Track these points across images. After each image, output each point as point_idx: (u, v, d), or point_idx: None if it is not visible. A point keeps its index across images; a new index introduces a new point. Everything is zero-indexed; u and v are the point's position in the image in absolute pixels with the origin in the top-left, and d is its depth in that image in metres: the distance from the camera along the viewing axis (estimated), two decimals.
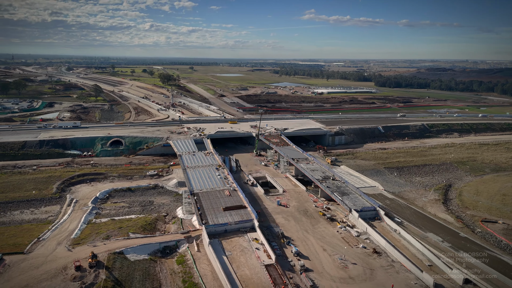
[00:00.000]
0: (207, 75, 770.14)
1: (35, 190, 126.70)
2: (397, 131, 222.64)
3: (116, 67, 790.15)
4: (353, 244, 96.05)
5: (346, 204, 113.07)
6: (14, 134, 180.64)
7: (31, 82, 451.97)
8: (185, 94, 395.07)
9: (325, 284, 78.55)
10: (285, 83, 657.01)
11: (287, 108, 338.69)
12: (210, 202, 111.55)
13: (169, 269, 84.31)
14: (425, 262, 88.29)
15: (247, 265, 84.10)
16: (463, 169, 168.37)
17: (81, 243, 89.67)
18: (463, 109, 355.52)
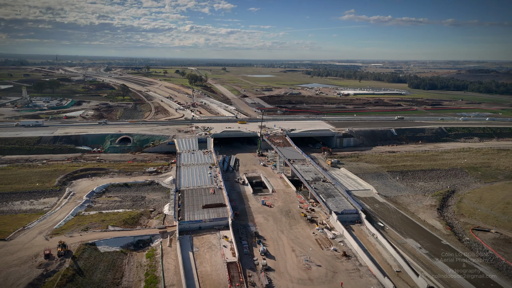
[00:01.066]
0: (238, 76, 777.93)
1: (39, 183, 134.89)
2: (411, 134, 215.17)
3: (151, 68, 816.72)
4: (324, 246, 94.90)
5: (327, 206, 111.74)
6: (33, 130, 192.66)
7: (68, 82, 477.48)
8: (209, 94, 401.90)
9: (282, 284, 78.46)
10: (314, 84, 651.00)
11: (307, 109, 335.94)
12: (193, 199, 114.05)
13: (137, 262, 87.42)
14: (394, 267, 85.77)
15: (210, 262, 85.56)
16: (474, 175, 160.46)
17: (60, 233, 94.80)
18: (497, 113, 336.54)
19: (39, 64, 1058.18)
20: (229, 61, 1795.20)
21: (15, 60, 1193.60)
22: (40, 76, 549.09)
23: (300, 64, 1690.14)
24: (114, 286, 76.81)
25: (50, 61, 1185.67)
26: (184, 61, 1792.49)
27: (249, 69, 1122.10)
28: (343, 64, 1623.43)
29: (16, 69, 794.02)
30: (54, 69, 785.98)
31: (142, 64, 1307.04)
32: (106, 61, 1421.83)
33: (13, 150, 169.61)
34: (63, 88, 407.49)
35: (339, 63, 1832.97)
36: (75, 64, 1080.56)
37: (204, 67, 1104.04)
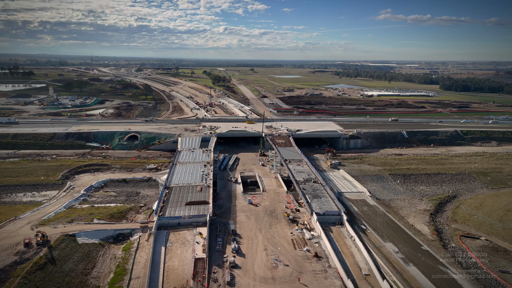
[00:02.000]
0: (264, 76, 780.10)
1: (44, 176, 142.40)
2: (423, 137, 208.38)
3: (180, 68, 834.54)
4: (298, 247, 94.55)
5: (310, 207, 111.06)
6: (49, 127, 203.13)
7: (97, 82, 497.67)
8: (230, 94, 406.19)
9: (244, 281, 79.20)
10: (341, 85, 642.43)
11: (325, 110, 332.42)
12: (179, 196, 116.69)
13: (112, 254, 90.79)
14: (364, 271, 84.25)
15: (179, 257, 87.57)
16: (482, 180, 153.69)
17: (46, 224, 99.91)
18: None
19: (77, 64, 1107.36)
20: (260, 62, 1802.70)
21: (56, 61, 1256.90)
22: (74, 76, 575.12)
23: (331, 65, 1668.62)
24: (83, 276, 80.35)
25: (88, 61, 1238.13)
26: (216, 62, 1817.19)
27: (277, 70, 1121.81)
28: (376, 65, 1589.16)
29: (54, 69, 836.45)
30: (89, 69, 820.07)
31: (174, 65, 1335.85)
32: (141, 62, 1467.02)
33: (28, 145, 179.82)
34: (91, 88, 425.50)
35: (372, 63, 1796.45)
36: (110, 65, 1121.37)
37: (233, 68, 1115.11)
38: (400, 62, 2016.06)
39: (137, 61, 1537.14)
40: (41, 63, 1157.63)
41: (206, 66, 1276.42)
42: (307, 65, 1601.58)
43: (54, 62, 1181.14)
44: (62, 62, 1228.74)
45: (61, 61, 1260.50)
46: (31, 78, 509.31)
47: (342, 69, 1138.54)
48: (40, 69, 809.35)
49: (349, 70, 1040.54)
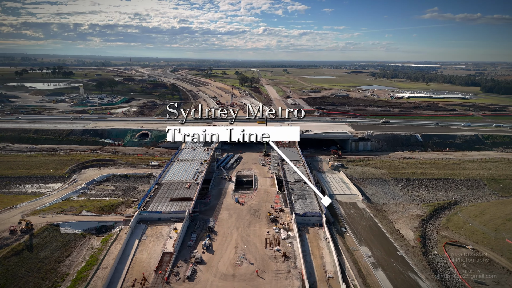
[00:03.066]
0: (296, 77, 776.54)
1: (53, 169, 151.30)
2: (439, 140, 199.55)
3: (214, 69, 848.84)
4: (270, 246, 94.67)
5: (291, 207, 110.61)
6: (69, 123, 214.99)
7: (131, 81, 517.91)
8: (254, 95, 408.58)
9: (203, 277, 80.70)
10: (374, 86, 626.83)
11: (347, 111, 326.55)
12: (167, 192, 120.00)
13: (90, 244, 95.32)
14: (329, 273, 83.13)
15: (149, 250, 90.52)
16: (492, 187, 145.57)
17: (37, 213, 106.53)
18: None
19: (119, 65, 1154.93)
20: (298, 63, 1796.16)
21: (101, 62, 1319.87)
22: (111, 76, 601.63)
23: (371, 65, 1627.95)
24: (55, 263, 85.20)
25: (130, 62, 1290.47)
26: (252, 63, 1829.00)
27: (311, 71, 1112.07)
28: (418, 66, 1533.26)
29: (96, 69, 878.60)
30: (128, 69, 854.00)
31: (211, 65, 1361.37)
32: (179, 63, 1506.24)
33: (47, 140, 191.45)
34: (123, 87, 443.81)
35: (414, 64, 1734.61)
36: (149, 66, 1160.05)
37: (267, 69, 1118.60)
38: (445, 63, 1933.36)
39: (176, 62, 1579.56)
40: (87, 64, 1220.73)
41: (242, 67, 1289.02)
42: (345, 65, 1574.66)
43: (98, 63, 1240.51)
44: (105, 63, 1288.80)
45: (105, 62, 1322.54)
46: (71, 78, 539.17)
47: (380, 70, 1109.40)
48: (83, 69, 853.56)
49: (386, 71, 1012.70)
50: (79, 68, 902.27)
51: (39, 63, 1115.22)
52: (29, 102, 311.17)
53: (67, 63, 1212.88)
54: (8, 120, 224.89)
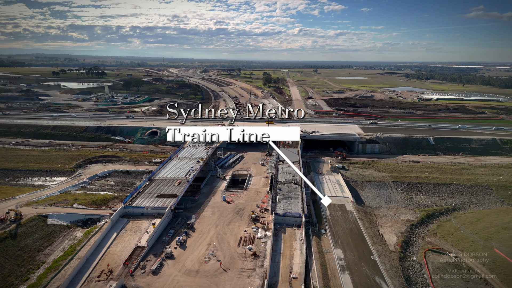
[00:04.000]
0: (325, 77, 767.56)
1: (61, 164, 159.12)
2: (452, 144, 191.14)
3: (242, 70, 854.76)
4: (243, 245, 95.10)
5: (272, 207, 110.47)
6: (86, 120, 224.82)
7: (159, 81, 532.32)
8: (276, 95, 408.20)
9: (168, 271, 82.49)
10: (405, 87, 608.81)
11: (368, 113, 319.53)
12: (156, 188, 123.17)
13: (73, 236, 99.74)
14: (294, 274, 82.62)
15: (124, 244, 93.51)
16: (500, 194, 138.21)
17: (30, 204, 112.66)
18: None
19: (154, 66, 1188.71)
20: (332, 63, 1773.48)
21: (136, 63, 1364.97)
22: (141, 76, 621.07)
23: (408, 66, 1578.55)
24: (35, 251, 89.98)
25: (163, 63, 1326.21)
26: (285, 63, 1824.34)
27: (343, 71, 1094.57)
28: (459, 67, 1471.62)
29: (131, 69, 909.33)
30: (160, 70, 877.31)
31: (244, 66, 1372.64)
32: (213, 64, 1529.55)
33: (63, 136, 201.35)
34: (150, 87, 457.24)
35: (456, 65, 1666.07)
36: (181, 66, 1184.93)
37: (297, 69, 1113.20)
38: (489, 64, 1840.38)
39: (210, 63, 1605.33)
40: (124, 64, 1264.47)
41: (274, 67, 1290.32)
42: (380, 66, 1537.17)
43: (134, 64, 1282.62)
44: (141, 63, 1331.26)
45: (141, 63, 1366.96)
46: (103, 78, 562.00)
47: (415, 71, 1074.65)
48: (119, 70, 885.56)
49: (422, 72, 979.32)
50: (115, 69, 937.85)
51: (80, 64, 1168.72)
52: (57, 100, 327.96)
53: (106, 64, 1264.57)
54: (31, 117, 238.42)
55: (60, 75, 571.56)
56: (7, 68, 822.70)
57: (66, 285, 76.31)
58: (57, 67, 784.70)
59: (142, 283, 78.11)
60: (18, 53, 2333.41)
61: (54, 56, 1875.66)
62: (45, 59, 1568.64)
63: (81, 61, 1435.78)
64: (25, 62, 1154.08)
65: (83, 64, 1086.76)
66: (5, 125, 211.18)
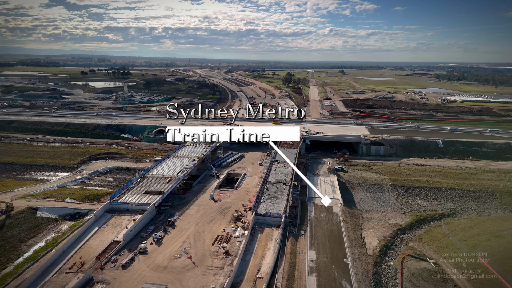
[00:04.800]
0: (350, 78, 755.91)
1: (67, 160, 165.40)
2: (462, 147, 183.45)
3: (266, 70, 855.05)
4: (218, 243, 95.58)
5: (254, 206, 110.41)
6: (98, 118, 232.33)
7: (181, 81, 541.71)
8: (294, 96, 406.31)
9: (137, 266, 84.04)
10: (433, 88, 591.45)
11: (385, 114, 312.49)
12: (146, 185, 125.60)
13: (59, 228, 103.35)
14: (261, 274, 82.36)
15: (103, 238, 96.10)
16: (503, 201, 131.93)
17: (25, 197, 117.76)
18: None
19: (182, 66, 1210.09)
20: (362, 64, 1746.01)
21: (165, 63, 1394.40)
22: (165, 76, 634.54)
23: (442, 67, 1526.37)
24: (18, 242, 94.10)
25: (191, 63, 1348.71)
26: (313, 64, 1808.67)
27: (370, 72, 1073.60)
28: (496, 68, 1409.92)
29: (158, 70, 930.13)
30: (186, 70, 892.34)
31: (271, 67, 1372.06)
32: (240, 64, 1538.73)
33: (75, 133, 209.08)
34: (171, 86, 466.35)
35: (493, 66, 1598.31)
36: (207, 67, 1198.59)
37: (323, 70, 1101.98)
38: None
39: (238, 63, 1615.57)
40: (153, 65, 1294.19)
41: (300, 68, 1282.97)
42: (412, 67, 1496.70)
43: (163, 64, 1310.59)
44: (170, 64, 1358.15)
45: (170, 63, 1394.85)
46: (128, 77, 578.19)
47: (447, 71, 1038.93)
48: (147, 70, 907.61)
49: (454, 73, 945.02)
50: (144, 69, 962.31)
51: (111, 64, 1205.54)
52: (79, 99, 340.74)
53: (136, 64, 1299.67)
54: (48, 115, 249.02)
55: (88, 75, 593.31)
56: (42, 68, 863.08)
57: (37, 275, 79.38)
58: (89, 67, 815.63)
59: (109, 276, 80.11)
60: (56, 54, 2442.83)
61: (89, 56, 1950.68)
62: (80, 59, 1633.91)
63: (113, 61, 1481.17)
64: (60, 62, 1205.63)
65: (114, 65, 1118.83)
66: (23, 122, 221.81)
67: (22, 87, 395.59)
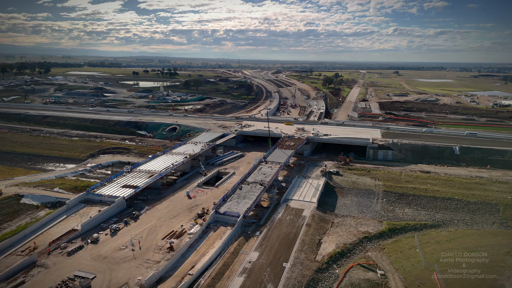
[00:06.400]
0: (403, 79, 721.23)
1: (78, 153, 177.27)
2: (481, 155, 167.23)
3: (314, 71, 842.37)
4: (168, 238, 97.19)
5: (217, 205, 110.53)
6: (121, 115, 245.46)
7: (224, 82, 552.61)
8: (330, 96, 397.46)
9: (81, 255, 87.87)
10: (495, 92, 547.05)
11: (419, 118, 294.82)
12: (129, 178, 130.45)
13: (36, 215, 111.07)
14: (193, 270, 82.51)
15: (65, 225, 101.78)
16: (505, 215, 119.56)
17: (18, 185, 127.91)
18: None
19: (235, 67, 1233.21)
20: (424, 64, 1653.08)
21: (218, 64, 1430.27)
22: (211, 76, 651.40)
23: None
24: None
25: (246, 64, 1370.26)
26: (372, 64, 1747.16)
27: (428, 73, 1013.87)
28: None
29: (210, 71, 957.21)
30: (236, 71, 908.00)
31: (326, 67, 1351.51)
32: (293, 65, 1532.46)
33: (97, 128, 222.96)
34: (211, 86, 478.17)
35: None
36: (256, 67, 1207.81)
37: (377, 71, 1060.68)
38: None
39: (291, 64, 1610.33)
40: (208, 66, 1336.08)
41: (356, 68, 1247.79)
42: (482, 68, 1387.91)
43: (217, 65, 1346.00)
44: (224, 65, 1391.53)
45: (225, 64, 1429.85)
46: (174, 78, 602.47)
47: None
48: (200, 71, 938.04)
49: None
50: (196, 70, 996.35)
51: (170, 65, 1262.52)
52: (118, 97, 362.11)
53: (192, 66, 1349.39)
54: (78, 111, 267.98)
55: (139, 75, 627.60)
56: (105, 69, 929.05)
57: None
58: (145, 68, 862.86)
59: (51, 261, 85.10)
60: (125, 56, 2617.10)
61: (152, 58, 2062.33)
62: (143, 60, 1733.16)
63: (172, 62, 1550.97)
64: (123, 63, 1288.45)
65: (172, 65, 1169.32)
66: (55, 117, 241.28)
67: (74, 86, 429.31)
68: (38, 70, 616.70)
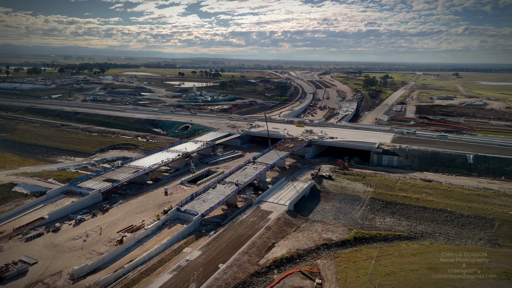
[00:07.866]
0: (460, 82, 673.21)
1: (90, 147, 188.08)
2: (496, 165, 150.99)
3: (363, 72, 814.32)
4: (124, 232, 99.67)
5: (181, 202, 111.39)
6: (142, 113, 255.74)
7: (264, 83, 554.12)
8: (367, 99, 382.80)
9: (37, 242, 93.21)
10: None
11: (454, 123, 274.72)
12: (116, 173, 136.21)
13: (21, 202, 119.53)
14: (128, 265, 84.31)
15: (38, 213, 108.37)
16: (499, 231, 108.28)
17: (17, 174, 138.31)
18: None
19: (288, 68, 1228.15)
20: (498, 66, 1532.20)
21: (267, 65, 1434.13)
22: (255, 77, 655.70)
23: None
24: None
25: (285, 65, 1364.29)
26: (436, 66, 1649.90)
27: (492, 76, 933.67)
28: None
29: (258, 72, 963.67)
30: (284, 72, 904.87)
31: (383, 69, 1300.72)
32: (348, 66, 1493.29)
33: (118, 125, 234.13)
34: (249, 87, 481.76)
35: None
36: (305, 69, 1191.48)
37: (433, 72, 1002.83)
38: None
39: (346, 65, 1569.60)
40: (258, 67, 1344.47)
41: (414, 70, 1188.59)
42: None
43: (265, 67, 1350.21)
44: (275, 67, 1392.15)
45: (276, 66, 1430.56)
46: (216, 78, 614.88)
47: None
48: (249, 72, 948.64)
49: None
50: (245, 71, 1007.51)
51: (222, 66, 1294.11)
52: (153, 96, 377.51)
53: (245, 67, 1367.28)
54: (106, 108, 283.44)
55: (185, 75, 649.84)
56: (157, 70, 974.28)
57: None
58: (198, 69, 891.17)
59: (7, 245, 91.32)
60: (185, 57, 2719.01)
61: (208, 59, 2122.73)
62: (199, 62, 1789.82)
63: (226, 64, 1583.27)
64: (177, 64, 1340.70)
65: (225, 67, 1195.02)
66: (85, 114, 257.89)
67: (118, 85, 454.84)
68: (94, 71, 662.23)
